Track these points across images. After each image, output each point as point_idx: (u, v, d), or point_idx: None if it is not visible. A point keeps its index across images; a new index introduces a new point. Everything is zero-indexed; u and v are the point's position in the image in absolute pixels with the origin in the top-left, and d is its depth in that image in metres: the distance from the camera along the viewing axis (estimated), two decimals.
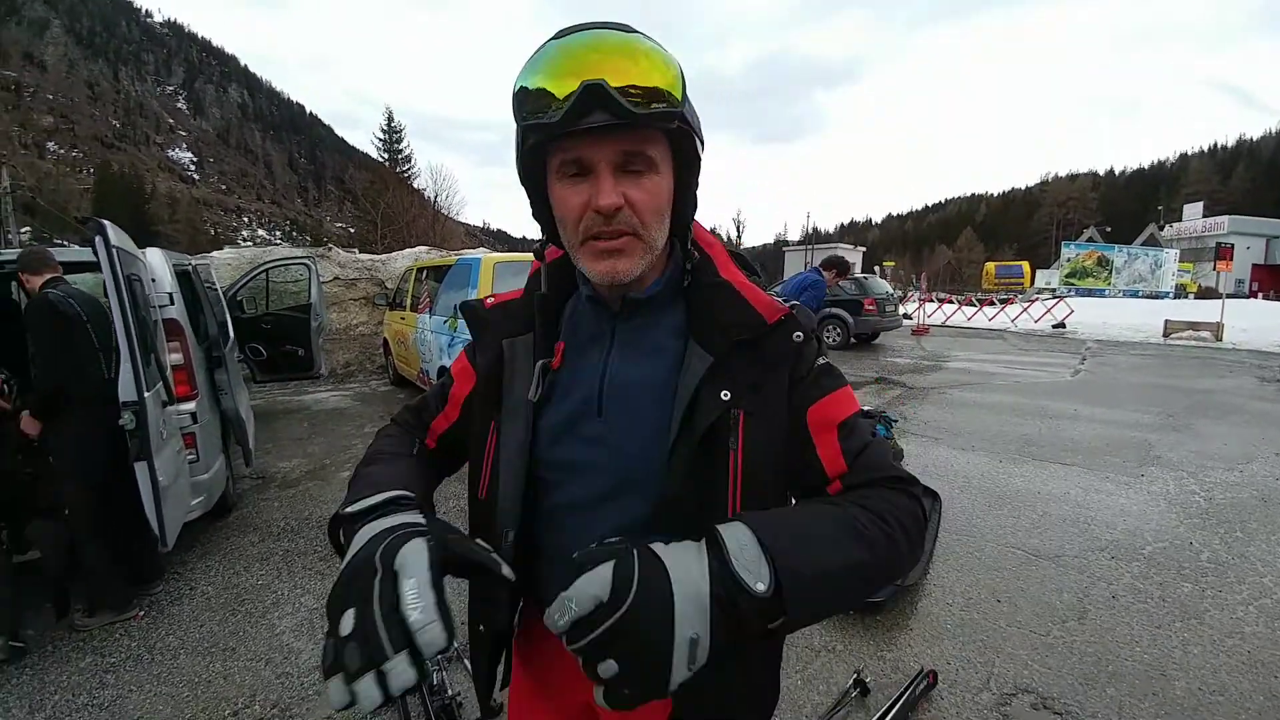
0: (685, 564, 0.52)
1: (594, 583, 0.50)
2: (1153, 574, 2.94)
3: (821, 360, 0.71)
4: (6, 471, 2.76)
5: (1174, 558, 3.11)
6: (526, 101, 0.59)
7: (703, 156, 0.68)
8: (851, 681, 2.12)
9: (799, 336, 0.70)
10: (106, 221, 2.43)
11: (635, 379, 0.71)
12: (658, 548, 0.54)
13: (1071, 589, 2.79)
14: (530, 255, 0.80)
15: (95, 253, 2.37)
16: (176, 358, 3.05)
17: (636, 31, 0.60)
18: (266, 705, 2.16)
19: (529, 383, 0.72)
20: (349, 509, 0.65)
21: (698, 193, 0.71)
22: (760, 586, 0.51)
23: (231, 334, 4.68)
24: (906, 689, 2.05)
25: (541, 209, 0.70)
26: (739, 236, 55.29)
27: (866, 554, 0.58)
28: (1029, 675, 2.21)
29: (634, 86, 0.57)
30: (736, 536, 0.54)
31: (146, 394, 2.44)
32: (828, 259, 5.13)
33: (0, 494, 2.71)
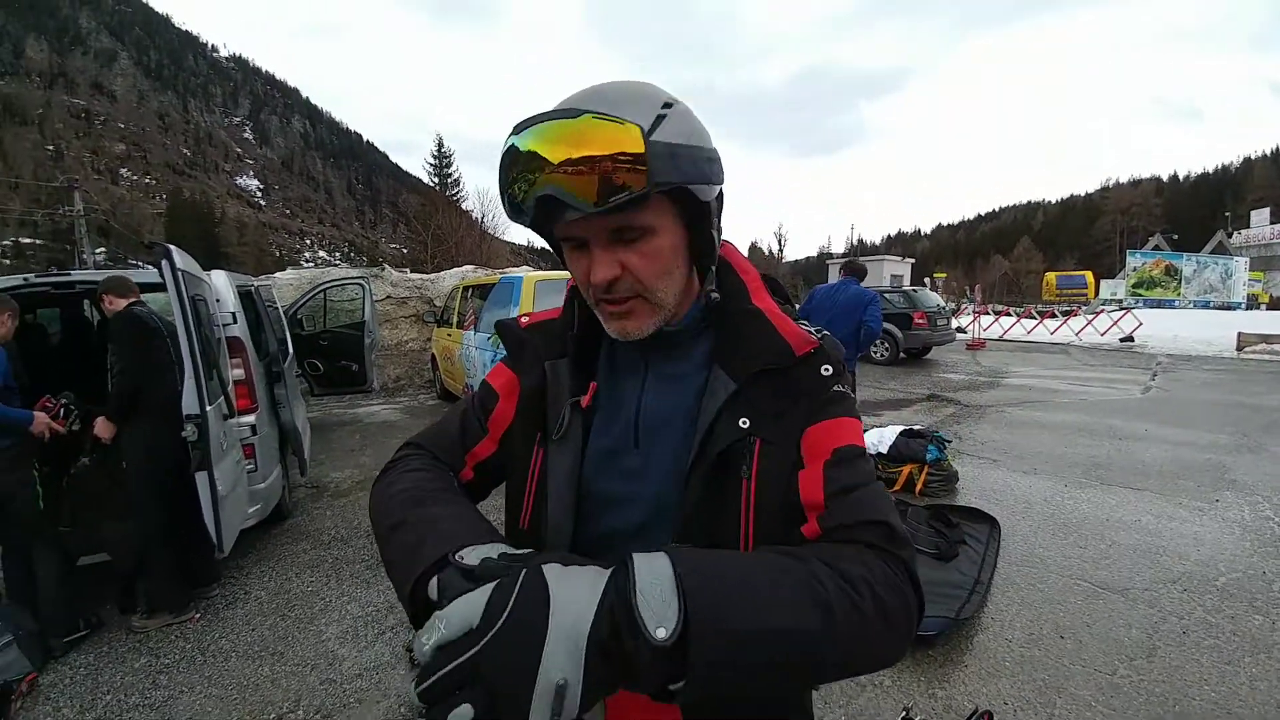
0: (574, 593, 0.45)
1: (471, 604, 0.44)
2: (1225, 607, 2.73)
3: (838, 388, 0.68)
4: (80, 476, 2.95)
5: (1246, 589, 2.88)
6: (504, 180, 0.59)
7: (711, 199, 0.64)
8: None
9: (828, 370, 0.67)
10: (172, 246, 2.60)
11: (666, 409, 0.70)
12: (551, 570, 0.46)
13: (1140, 624, 2.59)
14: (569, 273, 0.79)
15: (161, 275, 2.54)
16: (238, 373, 3.22)
17: (586, 112, 0.55)
18: (310, 710, 2.22)
19: (578, 419, 0.71)
20: (461, 557, 0.53)
21: (715, 231, 0.67)
22: (660, 633, 0.42)
23: (291, 350, 4.91)
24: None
25: (560, 254, 0.70)
26: (780, 250, 54.81)
27: (817, 623, 0.47)
28: (1091, 717, 2.05)
29: (593, 178, 0.53)
30: (652, 568, 0.46)
31: (209, 408, 2.57)
32: (848, 264, 4.96)
33: (73, 497, 2.89)
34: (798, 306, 0.78)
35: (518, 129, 0.57)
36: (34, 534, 2.66)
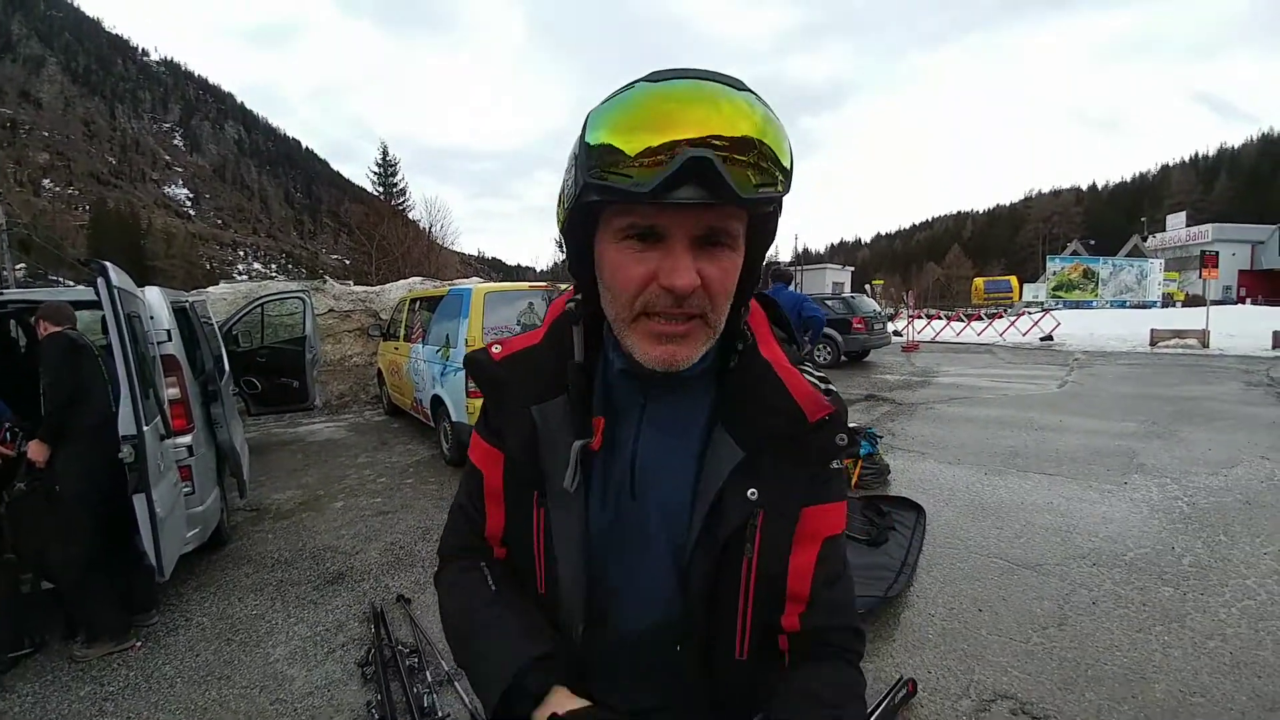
0: None
1: None
2: (1134, 579, 2.99)
3: (837, 464, 0.64)
4: (16, 502, 2.81)
5: (1155, 563, 3.16)
6: (607, 155, 0.49)
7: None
8: None
9: (842, 440, 0.63)
10: (108, 263, 2.54)
11: (664, 461, 0.64)
12: None
13: (1052, 596, 2.85)
14: (524, 285, 0.76)
15: (97, 292, 2.47)
16: (174, 392, 3.13)
17: (748, 89, 0.50)
18: None
19: (567, 458, 0.62)
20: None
21: (764, 262, 0.63)
22: None
23: (227, 368, 4.76)
24: (885, 697, 2.10)
25: (583, 266, 0.62)
26: None
27: None
28: (1009, 682, 2.26)
29: (744, 156, 0.48)
30: None
31: (145, 428, 2.51)
32: (775, 271, 5.40)
33: (12, 523, 2.76)
34: None
35: (658, 78, 0.50)
36: None
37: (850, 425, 0.67)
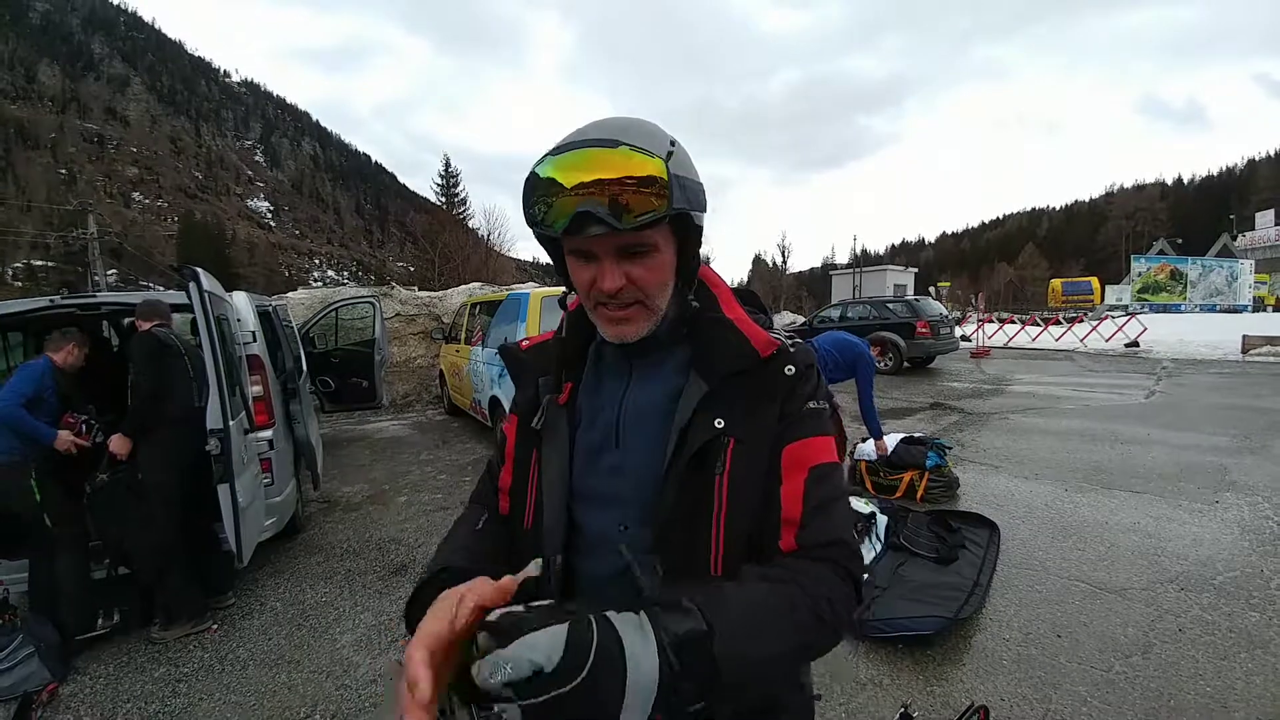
0: (642, 646, 0.49)
1: (538, 649, 0.46)
2: (1221, 604, 2.78)
3: (814, 404, 0.73)
4: (99, 491, 3.04)
5: (1244, 587, 2.94)
6: (533, 197, 0.64)
7: (703, 222, 0.74)
8: (898, 716, 2.07)
9: (790, 370, 0.73)
10: (200, 269, 2.74)
11: (646, 409, 0.76)
12: (614, 619, 0.51)
13: (1137, 623, 2.64)
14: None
15: (189, 296, 2.67)
16: (257, 389, 3.34)
17: (621, 144, 0.63)
18: (326, 715, 2.29)
19: (562, 417, 0.78)
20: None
21: (700, 250, 0.77)
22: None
23: (304, 368, 5.04)
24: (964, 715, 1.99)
25: (560, 266, 0.76)
26: (784, 262, 54.94)
27: (798, 641, 0.61)
28: (1087, 712, 2.11)
29: (622, 201, 0.61)
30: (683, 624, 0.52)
31: (231, 422, 2.69)
32: (874, 337, 5.27)
33: (94, 512, 2.97)
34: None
35: (558, 150, 0.64)
36: (53, 539, 2.76)
37: (915, 435, 0.73)
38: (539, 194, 0.64)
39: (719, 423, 0.70)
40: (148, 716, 2.33)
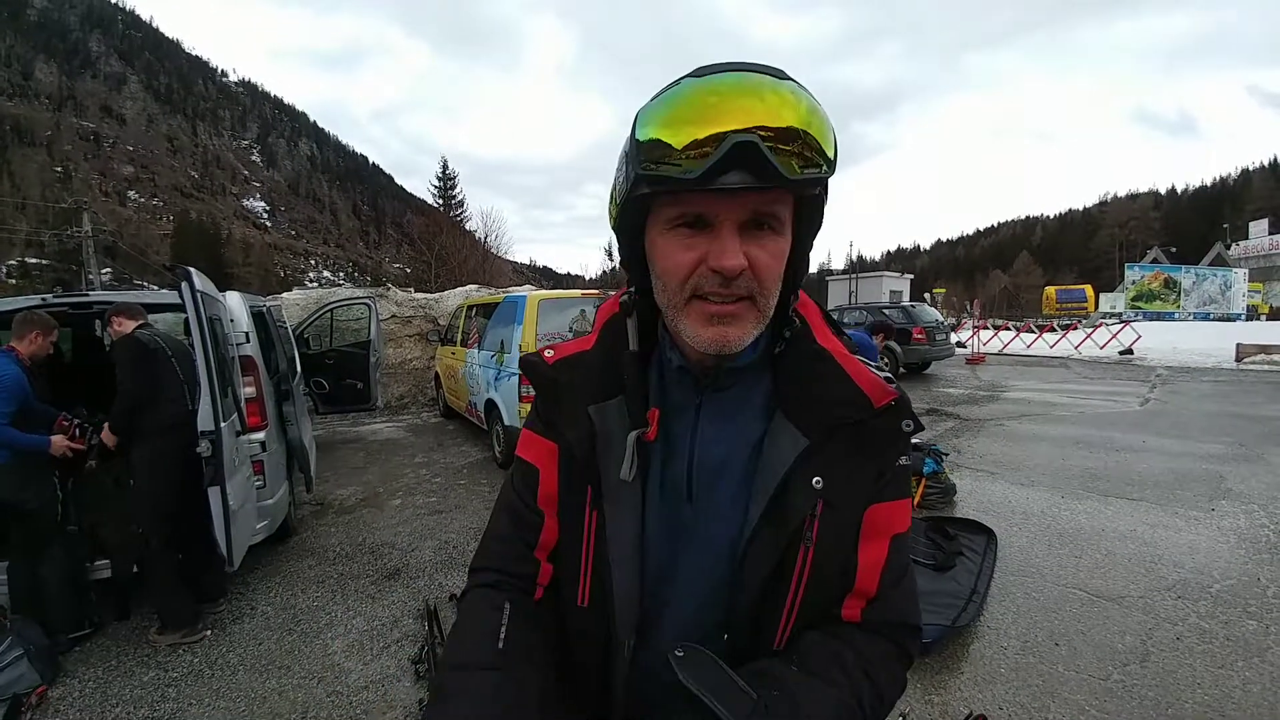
0: None
1: None
2: (1218, 612, 2.78)
3: (904, 460, 0.64)
4: (85, 479, 2.99)
5: (1240, 595, 2.94)
6: (656, 150, 0.51)
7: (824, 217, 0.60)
8: None
9: (909, 426, 0.61)
10: (192, 269, 2.71)
11: (722, 458, 0.63)
12: None
13: (1135, 631, 2.63)
14: (577, 293, 0.79)
15: (181, 296, 2.64)
16: (250, 391, 3.30)
17: (789, 78, 0.51)
18: None
19: (623, 453, 0.61)
20: None
21: (810, 255, 0.63)
22: None
23: (299, 369, 5.00)
24: None
25: (633, 256, 0.63)
26: None
27: None
28: None
29: (789, 145, 0.49)
30: None
31: (223, 424, 2.65)
32: (876, 324, 5.58)
33: (77, 499, 2.93)
34: None
35: (704, 73, 0.51)
36: (48, 542, 2.73)
37: (913, 441, 0.65)
38: (677, 122, 0.50)
39: (818, 482, 0.58)
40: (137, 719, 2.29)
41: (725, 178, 0.49)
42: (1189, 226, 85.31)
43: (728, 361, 0.61)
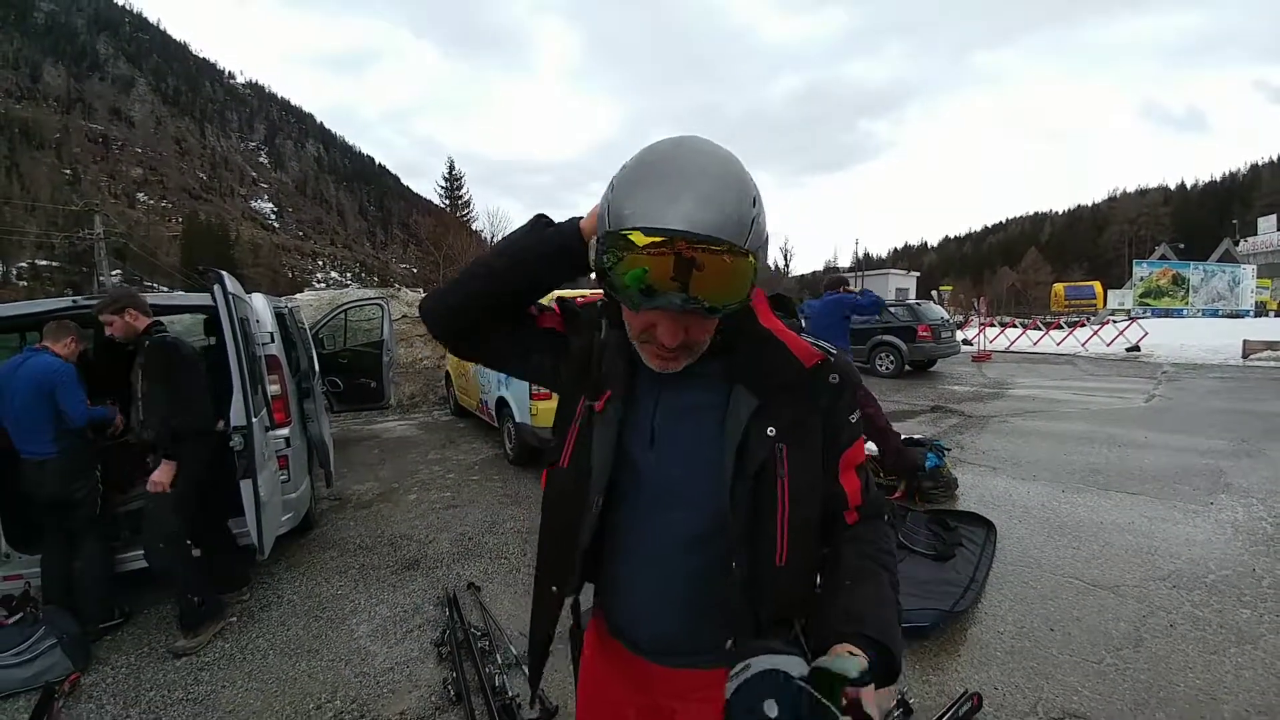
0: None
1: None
2: (1213, 601, 2.86)
3: (855, 416, 0.84)
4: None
5: (1235, 585, 3.01)
6: (611, 249, 0.66)
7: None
8: (895, 704, 2.16)
9: (835, 379, 0.81)
10: (223, 272, 2.84)
11: (684, 417, 0.82)
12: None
13: (1129, 618, 2.73)
14: (585, 293, 0.98)
15: (214, 298, 2.77)
16: (275, 389, 3.43)
17: (724, 246, 0.64)
18: (346, 701, 2.38)
19: (615, 379, 0.83)
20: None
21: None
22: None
23: (318, 368, 5.14)
24: (950, 709, 2.08)
25: (604, 279, 0.78)
26: (787, 265, 55.00)
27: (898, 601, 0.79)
28: (1078, 701, 2.19)
29: (710, 291, 0.64)
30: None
31: (254, 419, 2.79)
32: (830, 280, 6.11)
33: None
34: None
35: (675, 231, 0.63)
36: (85, 534, 2.86)
37: (915, 437, 0.83)
38: (652, 259, 0.63)
39: (770, 431, 0.77)
40: (171, 703, 2.39)
41: (668, 302, 0.65)
42: (1199, 222, 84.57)
43: (669, 371, 0.79)
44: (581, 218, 0.80)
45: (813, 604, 0.80)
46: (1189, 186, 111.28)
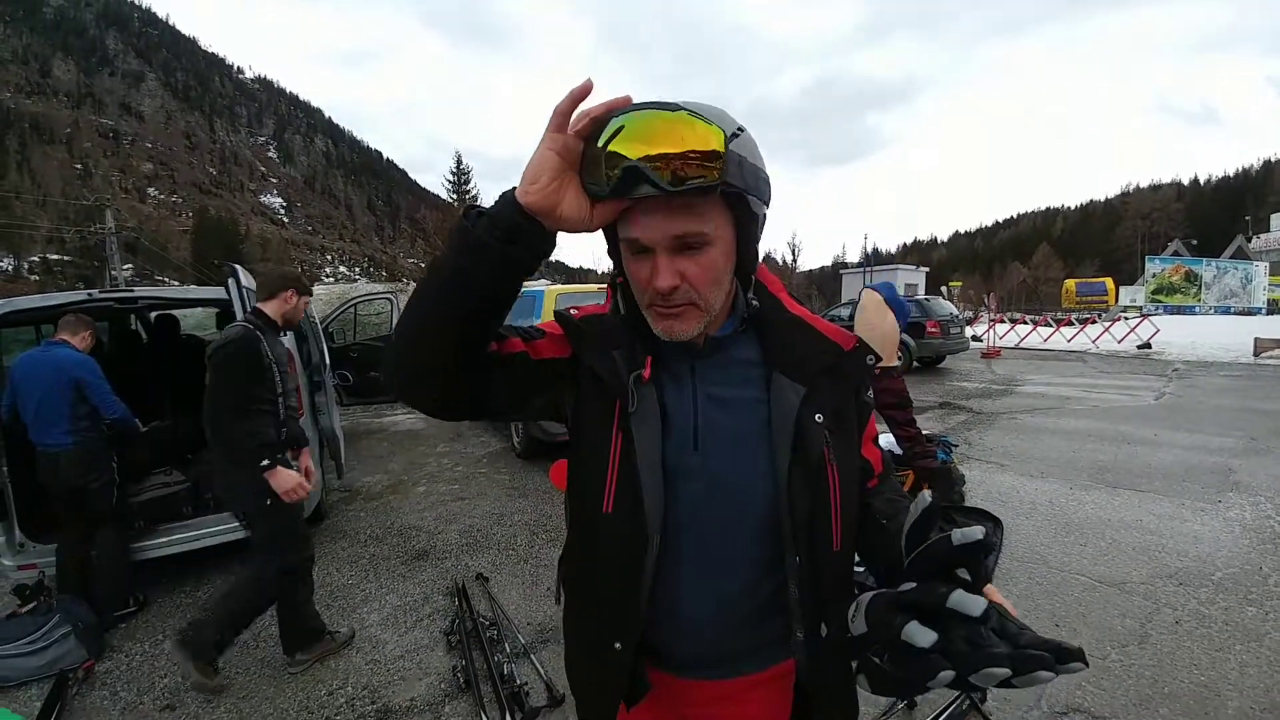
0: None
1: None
2: (1219, 599, 2.86)
3: (868, 396, 0.85)
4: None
5: (1242, 583, 3.00)
6: (586, 157, 0.65)
7: (765, 211, 0.72)
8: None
9: (871, 359, 0.82)
10: (238, 266, 2.88)
11: (727, 413, 0.78)
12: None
13: (1135, 615, 2.73)
14: (593, 287, 0.98)
15: (228, 292, 2.81)
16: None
17: (682, 109, 0.62)
18: (357, 688, 2.43)
19: (651, 394, 0.76)
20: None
21: (759, 245, 0.75)
22: None
23: (328, 361, 5.19)
24: (954, 702, 2.10)
25: (615, 252, 0.76)
26: (794, 260, 54.77)
27: None
28: (1082, 696, 2.20)
29: (670, 163, 0.60)
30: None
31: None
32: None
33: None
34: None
35: (622, 111, 0.63)
36: (102, 524, 2.91)
37: (924, 433, 0.83)
38: (600, 148, 0.63)
39: (819, 418, 0.76)
40: (185, 689, 2.42)
41: (636, 190, 0.62)
42: (1211, 218, 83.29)
43: (709, 332, 0.77)
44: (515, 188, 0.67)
45: (852, 583, 0.82)
46: (1202, 182, 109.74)
